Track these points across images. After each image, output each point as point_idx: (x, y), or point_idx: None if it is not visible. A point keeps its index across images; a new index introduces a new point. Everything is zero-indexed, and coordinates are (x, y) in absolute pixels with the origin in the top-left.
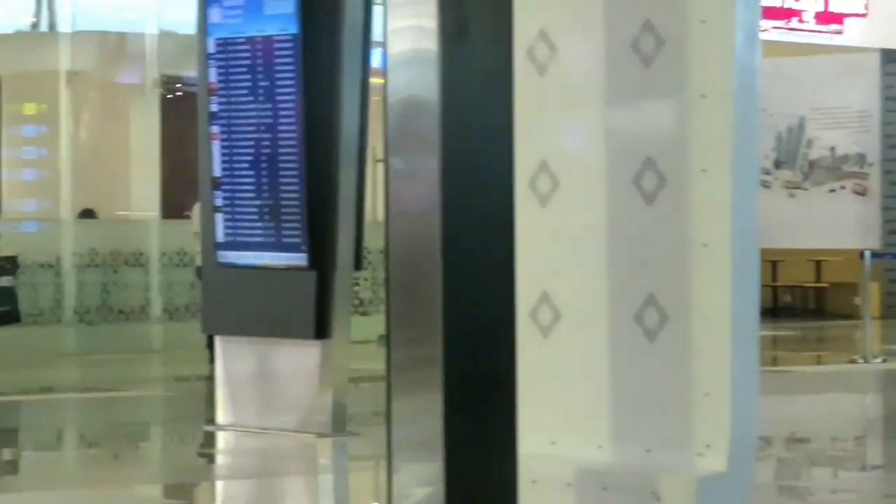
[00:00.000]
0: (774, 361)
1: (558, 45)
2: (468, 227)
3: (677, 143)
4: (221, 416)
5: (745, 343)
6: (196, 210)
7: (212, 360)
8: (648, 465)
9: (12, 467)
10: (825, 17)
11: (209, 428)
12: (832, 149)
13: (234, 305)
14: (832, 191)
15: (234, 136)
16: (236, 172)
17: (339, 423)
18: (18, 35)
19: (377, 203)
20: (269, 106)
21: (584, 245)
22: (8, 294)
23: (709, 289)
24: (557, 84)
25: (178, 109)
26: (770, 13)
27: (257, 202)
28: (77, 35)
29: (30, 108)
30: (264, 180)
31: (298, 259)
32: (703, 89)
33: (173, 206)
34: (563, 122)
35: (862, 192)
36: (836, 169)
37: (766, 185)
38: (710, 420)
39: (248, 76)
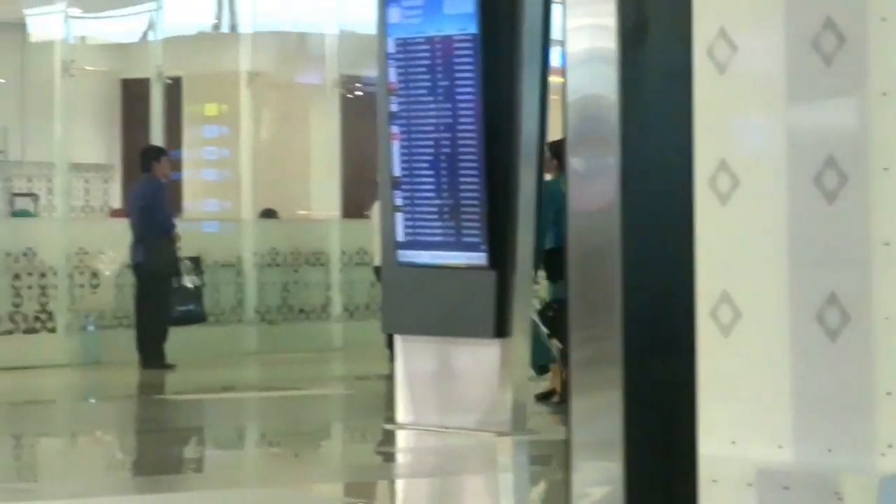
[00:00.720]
0: None
1: (738, 43)
2: (648, 226)
3: (858, 141)
4: (401, 414)
5: None
6: (376, 209)
7: (392, 358)
8: (830, 464)
9: (197, 465)
10: None
11: (389, 427)
12: None
13: (413, 305)
14: None
15: (414, 135)
16: (416, 172)
17: (519, 422)
18: (199, 36)
19: None
20: (448, 106)
21: (765, 244)
22: (193, 294)
23: (891, 288)
24: (737, 83)
25: (358, 109)
26: None
27: (437, 202)
28: (257, 35)
29: (210, 109)
30: (444, 180)
31: (478, 258)
32: (884, 87)
33: (353, 205)
34: (743, 121)
35: None
36: None
37: None
38: (893, 420)
39: (427, 76)
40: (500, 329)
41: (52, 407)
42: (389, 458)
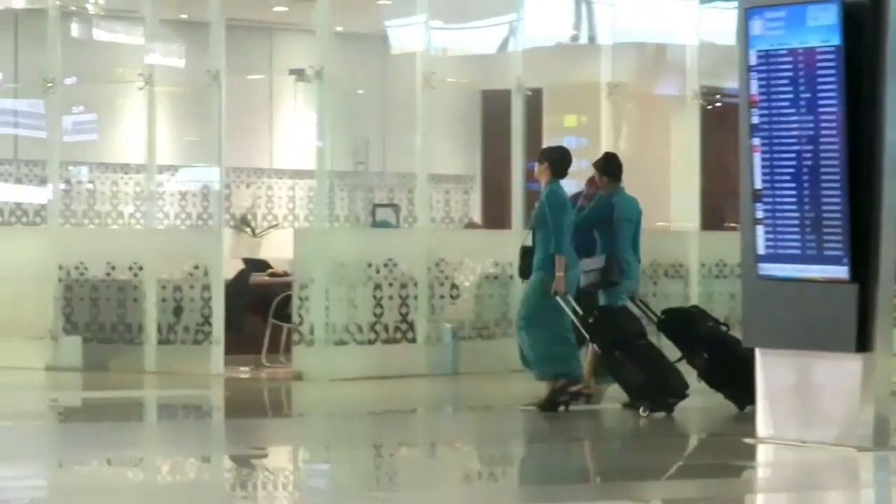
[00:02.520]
0: None
1: None
2: None
3: None
4: (761, 428)
5: None
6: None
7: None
8: None
9: (565, 475)
10: None
11: (749, 440)
12: None
13: (773, 318)
14: None
15: (775, 148)
16: (777, 185)
17: (882, 437)
18: (559, 47)
19: None
20: (810, 118)
21: None
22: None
23: None
24: None
25: (717, 121)
26: None
27: (798, 215)
28: (617, 47)
29: (570, 120)
30: (806, 192)
31: (840, 272)
32: None
33: (713, 217)
34: None
35: None
36: None
37: None
38: None
39: (789, 88)
40: (862, 343)
41: (413, 417)
42: (750, 472)
